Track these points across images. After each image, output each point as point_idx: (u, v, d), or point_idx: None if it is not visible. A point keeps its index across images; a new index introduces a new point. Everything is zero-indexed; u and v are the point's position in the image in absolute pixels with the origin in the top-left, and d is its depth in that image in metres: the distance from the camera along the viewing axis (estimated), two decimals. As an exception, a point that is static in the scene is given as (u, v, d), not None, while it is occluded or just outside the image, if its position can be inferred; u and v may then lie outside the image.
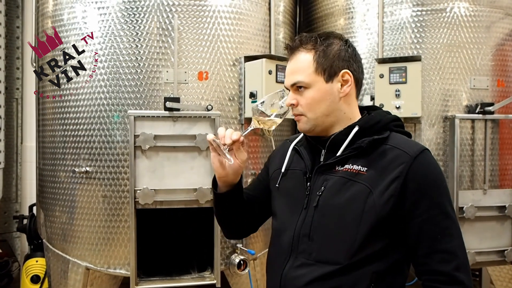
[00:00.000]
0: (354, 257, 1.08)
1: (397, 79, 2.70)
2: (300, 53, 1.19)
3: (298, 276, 1.14)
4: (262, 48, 2.77)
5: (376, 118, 1.19)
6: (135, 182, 2.41)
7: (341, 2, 3.07)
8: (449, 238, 1.07)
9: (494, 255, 2.76)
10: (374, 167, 1.11)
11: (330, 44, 1.19)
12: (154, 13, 2.49)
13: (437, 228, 1.08)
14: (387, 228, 1.09)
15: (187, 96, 2.52)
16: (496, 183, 2.83)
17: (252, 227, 1.43)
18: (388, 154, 1.12)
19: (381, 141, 1.14)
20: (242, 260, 2.59)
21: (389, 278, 1.11)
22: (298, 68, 1.19)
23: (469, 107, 2.79)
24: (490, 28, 2.83)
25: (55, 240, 2.74)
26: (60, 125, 2.64)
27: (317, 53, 1.17)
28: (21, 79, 3.98)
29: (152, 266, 2.70)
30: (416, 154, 1.10)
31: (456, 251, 1.07)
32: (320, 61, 1.17)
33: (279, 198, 1.29)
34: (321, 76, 1.17)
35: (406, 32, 2.82)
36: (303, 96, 1.18)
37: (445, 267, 1.06)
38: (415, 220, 1.08)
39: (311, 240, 1.14)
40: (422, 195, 1.08)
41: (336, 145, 1.18)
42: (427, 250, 1.08)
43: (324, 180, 1.16)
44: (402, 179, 1.08)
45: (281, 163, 1.31)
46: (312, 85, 1.17)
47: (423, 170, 1.09)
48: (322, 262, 1.11)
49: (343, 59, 1.18)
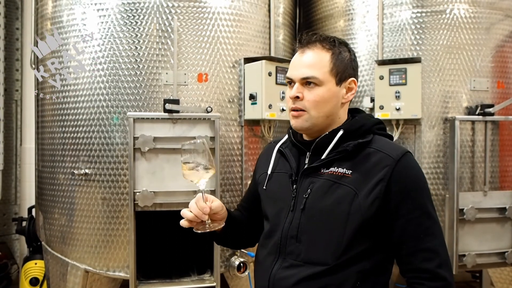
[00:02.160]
0: (340, 258, 1.12)
1: (397, 81, 2.70)
2: (317, 49, 1.20)
3: (286, 276, 1.16)
4: (262, 49, 2.76)
5: (360, 122, 1.21)
6: (134, 184, 2.40)
7: (341, 3, 3.07)
8: (431, 237, 1.11)
9: (495, 257, 2.75)
10: (358, 170, 1.14)
11: (344, 50, 1.22)
12: (153, 15, 2.48)
13: (420, 228, 1.11)
14: (372, 229, 1.12)
15: (186, 98, 2.51)
16: (496, 184, 2.82)
17: (253, 238, 1.44)
18: (372, 157, 1.15)
19: (365, 144, 1.17)
20: (241, 263, 2.58)
21: (374, 276, 1.15)
22: (314, 63, 1.18)
23: (469, 109, 2.78)
24: (490, 29, 2.83)
25: (54, 242, 2.73)
26: (60, 127, 2.64)
27: (334, 54, 1.19)
28: (20, 81, 3.98)
29: (152, 269, 2.69)
30: (399, 157, 1.13)
31: (438, 249, 1.11)
32: (336, 63, 1.19)
33: (267, 200, 1.30)
34: (334, 77, 1.19)
35: (406, 34, 2.82)
36: (312, 92, 1.18)
37: (428, 265, 1.10)
38: (399, 221, 1.12)
39: (299, 241, 1.16)
40: (405, 196, 1.11)
41: (321, 148, 1.20)
42: (411, 250, 1.12)
43: (310, 183, 1.18)
44: (386, 181, 1.11)
45: (267, 165, 1.32)
46: (324, 83, 1.18)
47: (406, 172, 1.13)
48: (310, 263, 1.14)
49: (352, 67, 1.23)
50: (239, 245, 1.47)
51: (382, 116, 2.68)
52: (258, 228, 1.39)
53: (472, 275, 3.51)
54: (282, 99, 2.60)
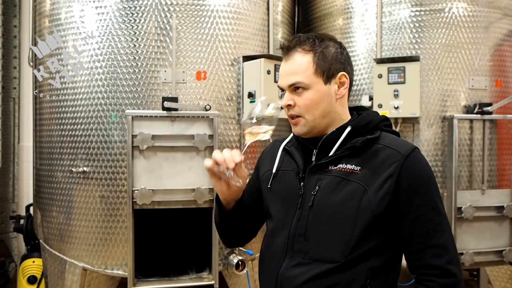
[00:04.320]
0: (350, 255, 1.10)
1: (395, 79, 2.70)
2: (297, 54, 1.20)
3: (294, 275, 1.14)
4: (261, 48, 2.76)
5: (368, 119, 1.21)
6: (132, 182, 2.39)
7: (339, 2, 3.07)
8: (441, 233, 1.11)
9: (492, 255, 2.76)
10: (367, 166, 1.13)
11: (327, 46, 1.20)
12: (152, 13, 2.48)
13: (429, 224, 1.11)
14: (381, 226, 1.11)
15: (185, 96, 2.51)
16: (494, 183, 2.83)
17: (252, 232, 1.43)
18: (380, 153, 1.14)
19: (373, 140, 1.16)
20: (240, 261, 2.58)
21: (384, 274, 1.13)
22: (296, 69, 1.19)
23: (468, 107, 2.79)
24: (488, 28, 2.84)
25: (52, 240, 2.72)
26: (58, 125, 2.63)
27: (316, 54, 1.18)
28: (18, 79, 3.97)
29: (150, 267, 2.69)
30: (408, 153, 1.13)
31: (448, 245, 1.11)
32: (319, 63, 1.18)
33: (271, 199, 1.29)
34: (320, 77, 1.18)
35: (405, 32, 2.82)
36: (301, 97, 1.18)
37: (438, 261, 1.09)
38: (409, 217, 1.11)
39: (307, 239, 1.15)
40: (414, 192, 1.11)
41: (328, 145, 1.19)
42: (421, 246, 1.11)
43: (318, 180, 1.17)
44: (395, 177, 1.10)
45: (272, 164, 1.31)
46: (311, 86, 1.17)
47: (415, 168, 1.12)
48: (319, 260, 1.13)
49: (340, 61, 1.20)
50: (236, 237, 1.41)
51: (376, 111, 2.68)
52: (254, 223, 1.39)
53: (470, 274, 3.52)
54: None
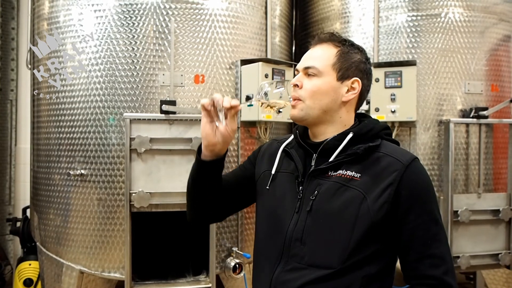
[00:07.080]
0: (346, 262, 1.10)
1: (392, 83, 2.72)
2: (325, 45, 1.23)
3: (289, 280, 1.14)
4: (259, 51, 2.77)
5: (369, 126, 1.21)
6: (130, 185, 2.40)
7: (337, 6, 3.09)
8: (438, 244, 1.11)
9: (489, 258, 2.78)
10: (367, 174, 1.13)
11: (355, 52, 1.24)
12: (150, 16, 2.49)
13: (427, 234, 1.11)
14: (379, 234, 1.11)
15: (183, 99, 2.52)
16: (490, 187, 2.85)
17: (220, 214, 1.38)
18: (381, 161, 1.14)
19: (374, 148, 1.16)
20: (237, 264, 2.59)
21: (379, 281, 1.13)
22: (319, 55, 1.21)
23: (464, 112, 2.81)
24: (484, 33, 2.86)
25: (48, 243, 2.72)
26: (55, 127, 2.63)
27: (341, 51, 1.21)
28: (15, 81, 3.97)
29: (147, 270, 2.69)
30: (409, 162, 1.13)
31: (445, 256, 1.11)
32: (340, 60, 1.20)
33: (267, 200, 1.27)
34: (335, 72, 1.19)
35: (402, 37, 2.84)
36: (310, 82, 1.19)
37: (435, 271, 1.09)
38: (407, 226, 1.11)
39: (304, 244, 1.14)
40: (414, 202, 1.11)
41: (328, 150, 1.18)
42: (418, 255, 1.11)
43: (317, 185, 1.16)
44: (395, 186, 1.10)
45: (270, 164, 1.30)
46: (323, 75, 1.19)
47: (416, 178, 1.12)
48: (314, 266, 1.12)
49: (360, 69, 1.22)
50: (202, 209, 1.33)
51: (377, 119, 2.69)
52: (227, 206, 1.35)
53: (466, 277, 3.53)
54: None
